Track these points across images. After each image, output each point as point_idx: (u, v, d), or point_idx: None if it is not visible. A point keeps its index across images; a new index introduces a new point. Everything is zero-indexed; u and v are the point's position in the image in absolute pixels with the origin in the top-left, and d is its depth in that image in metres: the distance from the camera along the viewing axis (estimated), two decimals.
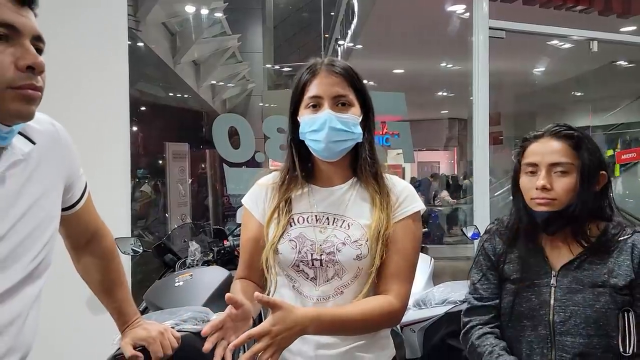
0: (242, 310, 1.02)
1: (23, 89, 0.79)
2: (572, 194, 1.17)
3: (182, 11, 7.77)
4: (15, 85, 0.78)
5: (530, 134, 1.25)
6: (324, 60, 1.18)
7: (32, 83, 0.80)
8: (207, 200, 7.93)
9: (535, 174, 1.20)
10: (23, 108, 0.80)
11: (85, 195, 1.10)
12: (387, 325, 1.20)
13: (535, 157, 1.21)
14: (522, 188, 1.24)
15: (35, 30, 0.81)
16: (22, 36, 0.79)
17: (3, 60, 0.77)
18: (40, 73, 0.81)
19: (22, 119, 0.82)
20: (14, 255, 0.85)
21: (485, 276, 1.28)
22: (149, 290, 2.12)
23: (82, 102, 2.26)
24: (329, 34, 10.90)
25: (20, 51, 0.79)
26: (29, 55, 0.79)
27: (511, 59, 5.41)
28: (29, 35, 0.80)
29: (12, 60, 0.78)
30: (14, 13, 0.78)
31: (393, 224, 1.16)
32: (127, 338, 1.20)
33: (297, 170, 1.19)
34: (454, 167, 15.27)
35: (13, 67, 0.78)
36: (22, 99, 0.80)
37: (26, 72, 0.79)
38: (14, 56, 0.78)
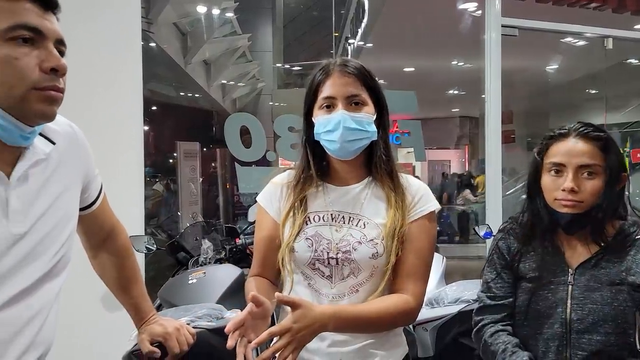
0: (262, 309, 1.03)
1: (46, 90, 0.81)
2: (597, 196, 1.16)
3: (193, 11, 7.82)
4: (40, 86, 0.80)
5: (555, 131, 1.23)
6: (337, 61, 1.18)
7: (55, 85, 0.82)
8: (218, 199, 7.98)
9: (560, 174, 1.18)
10: (46, 109, 0.82)
11: (101, 195, 1.13)
12: (402, 323, 1.21)
13: (561, 157, 1.19)
14: (544, 187, 1.22)
15: (59, 34, 0.84)
16: (46, 40, 0.82)
17: (29, 62, 0.79)
18: (62, 75, 0.83)
19: (45, 119, 0.84)
20: (34, 253, 0.87)
21: (499, 275, 1.28)
22: (163, 287, 2.14)
23: (98, 102, 2.29)
24: (339, 33, 10.89)
25: (45, 54, 0.81)
26: (52, 57, 0.81)
27: (523, 56, 5.37)
28: (53, 38, 0.83)
29: (36, 63, 0.80)
30: (40, 18, 0.81)
31: (409, 223, 1.17)
32: (144, 334, 1.22)
33: (312, 169, 1.20)
34: (465, 165, 15.18)
35: (38, 69, 0.80)
36: (46, 100, 0.82)
37: (50, 74, 0.81)
38: (39, 58, 0.80)
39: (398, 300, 1.14)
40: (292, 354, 0.98)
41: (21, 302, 0.85)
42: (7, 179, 0.84)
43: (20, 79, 0.79)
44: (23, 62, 0.79)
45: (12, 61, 0.78)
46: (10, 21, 0.78)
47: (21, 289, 0.85)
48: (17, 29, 0.79)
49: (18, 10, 0.79)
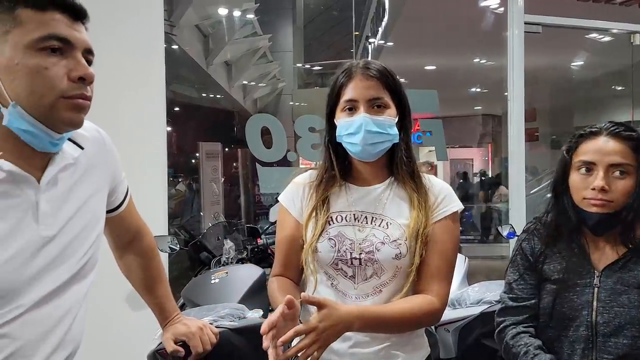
0: (292, 310, 1.04)
1: (74, 98, 0.84)
2: (627, 196, 1.14)
3: (214, 13, 7.91)
4: (68, 94, 0.83)
5: (586, 130, 1.20)
6: (359, 63, 1.18)
7: (82, 93, 0.84)
8: (239, 199, 8.04)
9: (590, 173, 1.16)
10: (74, 116, 0.85)
11: (127, 198, 1.15)
12: (427, 324, 1.22)
13: (592, 155, 1.16)
14: (572, 186, 1.20)
15: (87, 43, 0.86)
16: (74, 49, 0.84)
17: (58, 71, 0.82)
18: (90, 83, 0.86)
19: (73, 126, 0.87)
20: (63, 255, 0.89)
21: (522, 276, 1.26)
22: (186, 287, 2.17)
23: (122, 104, 2.33)
24: (360, 32, 10.86)
25: (73, 63, 0.83)
26: (80, 67, 0.84)
27: (547, 52, 5.28)
28: (81, 48, 0.85)
29: (65, 72, 0.82)
30: (69, 28, 0.83)
31: (432, 223, 1.17)
32: (168, 333, 1.24)
33: (334, 170, 1.21)
34: (488, 164, 14.97)
35: (66, 78, 0.82)
36: (74, 108, 0.84)
37: (77, 83, 0.83)
38: (67, 68, 0.83)
39: (422, 301, 1.14)
40: (317, 352, 0.99)
41: (51, 302, 0.88)
42: (37, 183, 0.87)
43: (50, 88, 0.81)
44: (52, 72, 0.81)
45: (42, 71, 0.81)
46: (41, 32, 0.81)
47: (50, 290, 0.88)
48: (47, 40, 0.81)
49: (48, 21, 0.82)
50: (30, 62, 0.80)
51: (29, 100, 0.81)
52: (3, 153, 0.83)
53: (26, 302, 0.84)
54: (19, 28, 0.80)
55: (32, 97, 0.81)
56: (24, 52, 0.80)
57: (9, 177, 0.83)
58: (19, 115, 0.81)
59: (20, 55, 0.80)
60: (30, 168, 0.86)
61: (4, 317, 0.82)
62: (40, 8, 0.81)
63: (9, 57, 0.80)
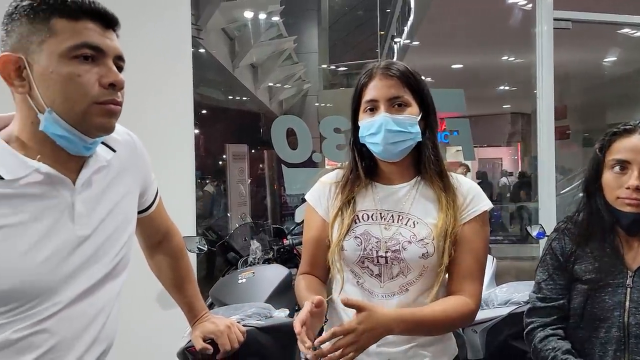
0: (320, 309, 1.05)
1: (106, 104, 0.86)
2: None
3: (240, 17, 8.00)
4: (99, 100, 0.86)
5: (619, 127, 1.18)
6: (380, 64, 1.19)
7: (113, 99, 0.87)
8: (265, 200, 8.10)
9: (624, 172, 1.14)
10: (105, 121, 0.88)
11: (157, 199, 1.18)
12: (462, 325, 1.23)
13: (626, 153, 1.14)
14: (605, 185, 1.17)
15: (117, 50, 0.89)
16: (106, 56, 0.87)
17: (90, 78, 0.85)
18: (120, 89, 0.88)
19: (105, 131, 0.90)
20: (97, 254, 0.92)
21: (551, 276, 1.24)
22: (214, 286, 2.21)
23: (150, 108, 2.38)
24: (385, 32, 10.81)
25: (104, 70, 0.86)
26: (111, 73, 0.86)
27: (578, 48, 5.15)
28: (112, 55, 0.88)
29: (96, 79, 0.85)
30: (101, 36, 0.86)
31: (463, 224, 1.16)
32: (197, 331, 1.26)
33: (359, 170, 1.22)
34: (518, 163, 14.70)
35: (97, 85, 0.85)
36: (105, 114, 0.87)
37: (108, 89, 0.86)
38: (99, 74, 0.86)
39: (458, 302, 1.14)
40: (354, 354, 0.99)
41: (86, 299, 0.91)
42: (72, 185, 0.90)
43: (83, 94, 0.84)
44: (85, 79, 0.84)
45: (75, 78, 0.84)
46: (74, 41, 0.84)
47: (86, 288, 0.91)
48: (80, 48, 0.84)
49: (81, 30, 0.84)
50: (64, 70, 0.83)
51: (63, 106, 0.84)
52: (41, 156, 0.86)
53: (63, 299, 0.87)
54: (54, 37, 0.83)
55: (66, 103, 0.84)
56: (58, 61, 0.83)
57: (47, 179, 0.86)
58: (54, 121, 0.85)
59: (55, 64, 0.83)
60: (65, 171, 0.89)
61: (43, 314, 0.85)
62: (74, 18, 0.84)
63: (45, 65, 0.83)
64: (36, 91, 0.84)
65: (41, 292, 0.85)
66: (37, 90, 0.84)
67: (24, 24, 0.84)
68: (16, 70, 0.84)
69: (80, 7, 0.84)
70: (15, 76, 0.85)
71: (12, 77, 0.85)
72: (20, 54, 0.84)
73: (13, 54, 0.84)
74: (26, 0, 0.84)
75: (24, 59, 0.84)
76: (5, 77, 0.85)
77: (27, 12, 0.84)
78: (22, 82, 0.85)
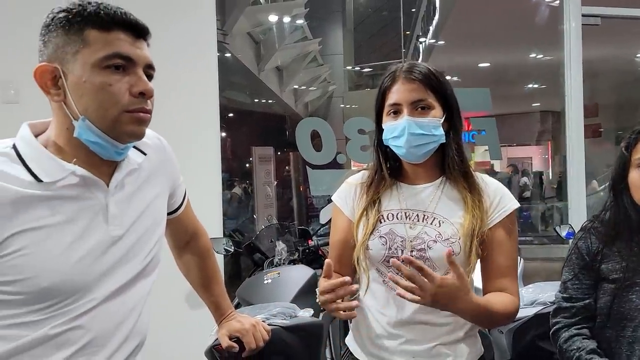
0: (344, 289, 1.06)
1: (135, 112, 0.90)
2: None
3: (265, 21, 8.07)
4: (129, 109, 0.89)
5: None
6: (403, 66, 1.19)
7: (142, 107, 0.91)
8: (291, 202, 8.14)
9: None
10: (135, 129, 0.92)
11: (185, 201, 1.22)
12: (507, 322, 1.25)
13: None
14: (631, 184, 1.16)
15: (147, 59, 0.93)
16: (136, 66, 0.90)
17: (120, 87, 0.89)
18: (149, 98, 0.92)
19: (135, 138, 0.94)
20: (129, 253, 0.96)
21: (577, 276, 1.23)
22: (241, 286, 2.24)
23: (178, 112, 2.44)
24: (410, 32, 10.74)
25: (134, 79, 0.90)
26: (141, 82, 0.90)
27: (609, 45, 5.02)
28: (142, 64, 0.91)
29: (127, 88, 0.89)
30: (132, 46, 0.90)
31: (493, 225, 1.17)
32: (223, 330, 1.30)
33: (384, 171, 1.23)
34: (548, 162, 14.38)
35: (128, 94, 0.89)
36: (135, 122, 0.91)
37: (138, 98, 0.90)
38: (129, 83, 0.89)
39: (509, 299, 1.16)
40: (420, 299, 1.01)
41: (119, 297, 0.95)
42: (106, 187, 0.94)
43: (114, 103, 0.88)
44: (116, 88, 0.88)
45: (107, 87, 0.88)
46: (106, 51, 0.88)
47: (119, 286, 0.95)
48: (111, 58, 0.88)
49: (113, 40, 0.88)
50: (96, 79, 0.87)
51: (95, 114, 0.88)
52: (76, 160, 0.90)
53: (98, 297, 0.91)
54: (87, 48, 0.87)
55: (98, 111, 0.88)
56: (91, 70, 0.87)
57: (82, 181, 0.91)
58: (87, 128, 0.89)
59: (88, 73, 0.87)
60: (99, 174, 0.93)
61: (79, 310, 0.90)
62: (106, 29, 0.88)
63: (79, 75, 0.88)
64: (70, 99, 0.88)
65: (77, 290, 0.89)
66: (72, 99, 0.88)
67: (60, 35, 0.88)
68: (52, 79, 0.89)
69: (112, 19, 0.88)
70: (52, 85, 0.89)
71: (49, 86, 0.89)
72: (56, 64, 0.88)
73: (49, 64, 0.88)
74: (62, 12, 0.88)
75: (59, 69, 0.88)
76: (42, 86, 0.90)
77: (62, 23, 0.88)
78: (58, 91, 0.89)
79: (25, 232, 0.85)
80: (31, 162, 0.88)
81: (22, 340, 0.86)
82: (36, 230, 0.86)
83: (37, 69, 0.89)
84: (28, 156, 0.88)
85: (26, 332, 0.86)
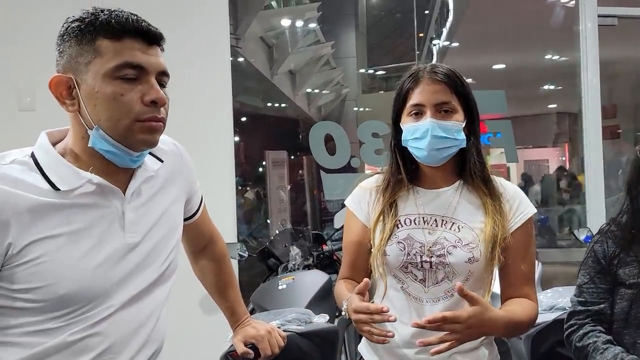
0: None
1: (147, 121, 0.90)
2: None
3: (278, 25, 8.10)
4: (141, 118, 0.90)
5: None
6: (426, 67, 1.18)
7: (154, 115, 0.91)
8: (305, 206, 8.13)
9: None
10: (148, 138, 0.92)
11: (201, 206, 1.22)
12: (529, 328, 1.24)
13: None
14: None
15: (160, 67, 0.92)
16: (148, 74, 0.90)
17: (132, 97, 0.89)
18: (162, 105, 0.92)
19: (148, 146, 0.94)
20: (147, 260, 0.97)
21: (592, 280, 1.21)
22: (255, 292, 2.24)
23: (191, 117, 2.45)
24: (423, 34, 10.69)
25: (146, 88, 0.90)
26: (153, 91, 0.90)
27: (627, 45, 4.94)
28: (155, 72, 0.91)
29: (139, 97, 0.89)
30: (144, 54, 0.90)
31: (513, 230, 1.16)
32: (238, 336, 1.29)
33: (401, 174, 1.21)
34: (566, 164, 14.19)
35: (140, 102, 0.89)
36: (147, 130, 0.91)
37: (150, 107, 0.90)
38: (141, 92, 0.89)
39: (531, 308, 1.16)
40: (454, 343, 1.01)
41: (137, 303, 0.95)
42: (123, 195, 0.95)
43: (125, 112, 0.88)
44: (127, 97, 0.88)
45: (118, 97, 0.88)
46: (117, 61, 0.88)
47: (137, 292, 0.95)
48: (122, 68, 0.88)
49: (124, 50, 0.88)
50: (108, 89, 0.88)
51: (108, 123, 0.89)
52: (92, 168, 0.91)
53: (115, 303, 0.92)
54: (99, 58, 0.88)
55: (110, 121, 0.89)
56: (102, 81, 0.88)
57: (99, 189, 0.91)
58: (101, 137, 0.89)
59: (100, 84, 0.88)
60: (115, 182, 0.94)
61: (97, 317, 0.90)
62: (117, 38, 0.88)
63: (91, 85, 0.88)
64: (85, 109, 0.89)
65: (95, 297, 0.89)
66: (85, 109, 0.89)
67: (73, 46, 0.89)
68: (67, 89, 0.89)
69: (123, 27, 0.88)
70: (67, 95, 0.90)
71: (64, 96, 0.90)
72: (70, 74, 0.89)
73: (64, 75, 0.89)
74: (75, 22, 0.89)
75: (73, 79, 0.89)
76: (58, 96, 0.90)
77: (75, 33, 0.88)
78: (73, 101, 0.90)
79: (43, 240, 0.86)
80: (49, 170, 0.89)
81: (40, 348, 0.87)
82: (54, 238, 0.86)
83: (52, 79, 0.89)
84: (46, 165, 0.89)
85: (44, 339, 0.87)
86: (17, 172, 0.86)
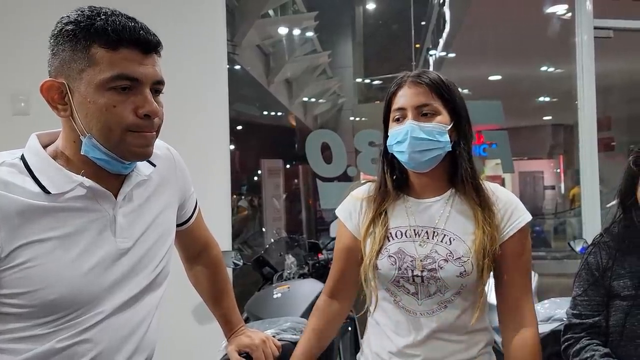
0: None
1: (139, 132, 0.89)
2: None
3: (275, 33, 8.13)
4: (134, 129, 0.88)
5: None
6: (411, 72, 1.18)
7: (147, 126, 0.90)
8: (301, 215, 8.11)
9: None
10: (140, 150, 0.91)
11: (196, 212, 1.21)
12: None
13: None
14: None
15: (156, 77, 0.91)
16: (142, 85, 0.89)
17: (125, 108, 0.87)
18: (155, 117, 0.90)
19: (140, 157, 0.93)
20: (138, 265, 0.95)
21: (586, 292, 1.20)
22: (250, 301, 2.22)
23: (187, 124, 2.45)
24: (420, 44, 10.75)
25: (140, 100, 0.88)
26: (146, 104, 0.89)
27: (622, 57, 4.99)
28: (149, 83, 0.90)
29: (132, 108, 0.88)
30: (139, 65, 0.88)
31: (506, 240, 1.14)
32: (232, 345, 1.28)
33: (387, 183, 1.20)
34: (560, 176, 14.24)
35: (133, 115, 0.88)
36: (140, 142, 0.90)
37: (143, 119, 0.89)
38: (135, 104, 0.88)
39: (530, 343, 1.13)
40: None
41: (128, 310, 0.94)
42: (114, 199, 0.93)
43: (118, 123, 0.87)
44: (120, 109, 0.87)
45: (111, 109, 0.87)
46: (111, 72, 0.86)
47: (128, 298, 0.93)
48: (116, 80, 0.86)
49: (119, 61, 0.86)
50: (100, 100, 0.86)
51: (100, 133, 0.87)
52: (84, 172, 0.89)
53: (106, 309, 0.90)
54: (92, 68, 0.86)
55: (102, 131, 0.87)
56: (95, 91, 0.86)
57: (90, 193, 0.90)
58: (92, 146, 0.88)
59: (92, 93, 0.86)
60: (107, 186, 0.92)
61: (87, 323, 0.88)
62: (112, 47, 0.86)
63: (84, 94, 0.86)
64: (77, 116, 0.87)
65: (85, 303, 0.88)
66: (77, 116, 0.87)
67: (67, 50, 0.86)
68: (59, 94, 0.88)
69: (119, 36, 0.85)
70: (59, 100, 0.88)
71: (56, 100, 0.89)
72: (62, 79, 0.87)
73: (56, 80, 0.88)
74: (70, 25, 0.87)
75: (66, 85, 0.87)
76: (49, 100, 0.89)
77: (70, 37, 0.86)
78: (65, 106, 0.89)
79: (33, 243, 0.84)
80: (39, 173, 0.87)
81: (28, 354, 0.85)
82: (43, 242, 0.85)
83: (43, 84, 0.88)
84: (36, 167, 0.88)
85: (32, 345, 0.85)
86: (6, 175, 0.85)
